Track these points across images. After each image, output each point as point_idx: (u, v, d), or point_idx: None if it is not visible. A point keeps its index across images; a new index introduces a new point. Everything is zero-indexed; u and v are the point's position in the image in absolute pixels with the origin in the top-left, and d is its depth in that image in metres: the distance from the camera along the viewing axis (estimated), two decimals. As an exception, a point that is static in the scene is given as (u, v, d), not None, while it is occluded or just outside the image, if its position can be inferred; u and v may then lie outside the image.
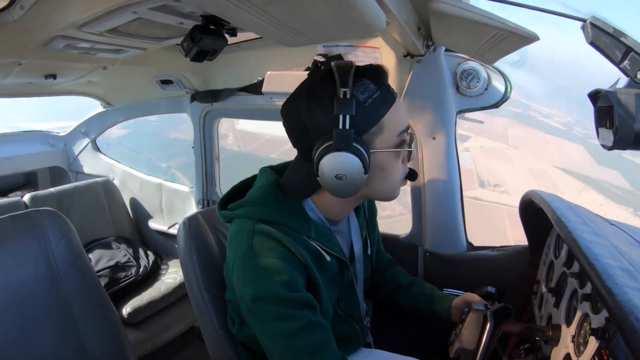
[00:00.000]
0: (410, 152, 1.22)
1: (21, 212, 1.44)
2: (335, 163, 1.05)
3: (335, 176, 1.06)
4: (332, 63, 1.08)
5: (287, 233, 1.16)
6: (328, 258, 1.23)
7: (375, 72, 1.13)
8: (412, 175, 1.27)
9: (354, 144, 1.05)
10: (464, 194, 1.92)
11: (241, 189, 1.37)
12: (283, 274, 1.11)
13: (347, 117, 1.04)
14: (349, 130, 1.04)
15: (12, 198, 3.02)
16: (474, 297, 1.50)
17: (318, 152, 1.07)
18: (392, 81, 1.82)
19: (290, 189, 1.24)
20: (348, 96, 1.03)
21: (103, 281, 2.66)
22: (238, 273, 1.14)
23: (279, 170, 1.35)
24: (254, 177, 1.38)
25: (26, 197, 3.04)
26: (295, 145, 1.20)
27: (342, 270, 1.33)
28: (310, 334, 1.13)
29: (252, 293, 1.11)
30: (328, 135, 1.06)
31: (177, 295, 2.90)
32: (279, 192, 1.24)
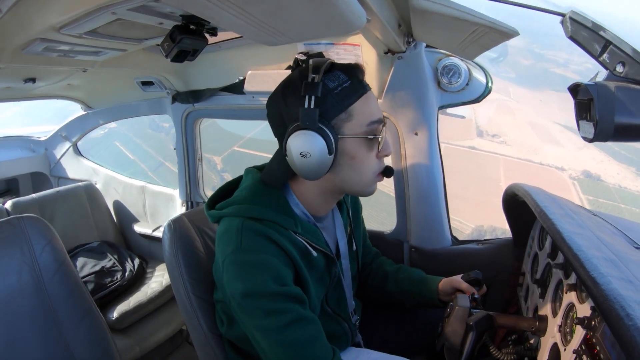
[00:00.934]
0: (379, 144, 1.23)
1: (3, 219, 1.42)
2: (299, 141, 1.11)
3: (300, 154, 1.11)
4: (310, 60, 1.16)
5: (274, 229, 1.18)
6: (315, 254, 1.26)
7: (349, 67, 1.19)
8: (387, 171, 1.29)
9: (319, 125, 1.11)
10: (461, 143, 1.93)
11: (227, 190, 1.38)
12: (272, 269, 1.13)
13: (312, 97, 1.09)
14: (313, 110, 1.09)
15: (-7, 205, 2.96)
16: (460, 282, 1.53)
17: (286, 133, 1.13)
18: (373, 78, 1.83)
19: (268, 176, 1.27)
20: (316, 81, 1.09)
21: (89, 287, 2.63)
22: (228, 270, 1.15)
23: (262, 170, 1.36)
24: (239, 178, 1.39)
25: (7, 204, 2.99)
26: (275, 135, 1.24)
27: (329, 266, 1.35)
28: (301, 328, 1.15)
29: (242, 289, 1.11)
30: (297, 119, 1.12)
31: (164, 298, 2.88)
32: (264, 190, 1.26)
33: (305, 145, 1.10)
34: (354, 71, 1.18)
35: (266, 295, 1.11)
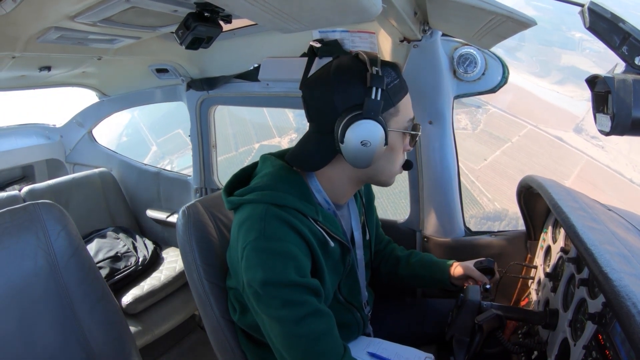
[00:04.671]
0: (415, 140, 1.28)
1: (19, 205, 1.43)
2: (364, 129, 1.12)
3: (361, 142, 1.12)
4: (357, 52, 1.20)
5: (296, 217, 1.18)
6: (332, 244, 1.25)
7: (394, 65, 1.22)
8: (407, 164, 1.34)
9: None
10: (550, 131, 1.88)
11: (242, 177, 1.38)
12: (294, 259, 1.13)
13: (379, 90, 1.12)
14: (379, 102, 1.13)
15: (10, 192, 2.99)
16: (472, 270, 1.54)
17: (345, 120, 1.13)
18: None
19: (300, 161, 1.28)
20: (380, 74, 1.13)
21: (103, 272, 2.66)
22: (249, 257, 1.14)
23: (279, 156, 1.37)
24: (254, 165, 1.39)
25: (24, 191, 3.02)
26: (315, 119, 1.25)
27: (343, 255, 1.35)
28: (315, 321, 1.15)
29: (262, 277, 1.11)
30: (356, 107, 1.13)
31: (177, 284, 2.90)
32: (286, 176, 1.26)
33: (369, 134, 1.11)
34: (398, 69, 1.22)
35: (286, 285, 1.11)
